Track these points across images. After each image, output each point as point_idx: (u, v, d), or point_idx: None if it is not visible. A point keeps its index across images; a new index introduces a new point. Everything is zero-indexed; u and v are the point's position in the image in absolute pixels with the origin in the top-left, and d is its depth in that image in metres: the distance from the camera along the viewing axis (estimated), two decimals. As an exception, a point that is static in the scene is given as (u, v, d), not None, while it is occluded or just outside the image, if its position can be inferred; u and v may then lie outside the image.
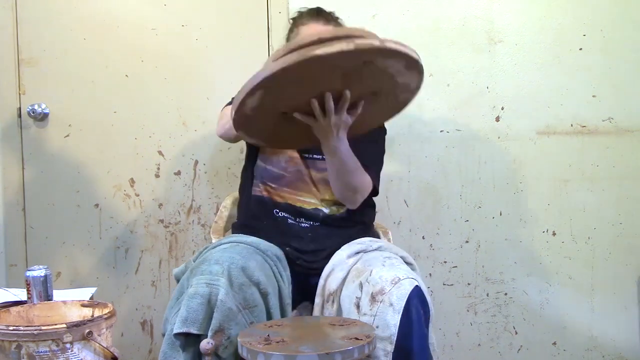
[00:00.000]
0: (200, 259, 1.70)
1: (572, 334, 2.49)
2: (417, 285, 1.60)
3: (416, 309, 1.58)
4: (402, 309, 1.56)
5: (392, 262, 1.70)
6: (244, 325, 1.57)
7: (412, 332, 1.56)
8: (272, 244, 1.80)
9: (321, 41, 1.44)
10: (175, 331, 1.55)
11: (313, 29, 1.90)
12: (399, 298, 1.57)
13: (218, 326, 1.53)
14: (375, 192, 1.92)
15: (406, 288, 1.58)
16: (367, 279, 1.66)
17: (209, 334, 1.53)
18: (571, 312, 2.49)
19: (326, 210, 1.89)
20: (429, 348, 1.62)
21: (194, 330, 1.54)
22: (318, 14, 1.99)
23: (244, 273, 1.61)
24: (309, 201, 1.89)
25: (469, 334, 2.51)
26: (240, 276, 1.60)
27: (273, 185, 1.91)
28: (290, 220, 1.88)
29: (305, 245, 1.85)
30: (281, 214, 1.89)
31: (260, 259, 1.71)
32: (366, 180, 1.85)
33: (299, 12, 2.03)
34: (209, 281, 1.58)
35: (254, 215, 1.92)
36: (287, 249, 1.83)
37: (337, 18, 2.01)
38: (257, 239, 1.79)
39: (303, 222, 1.88)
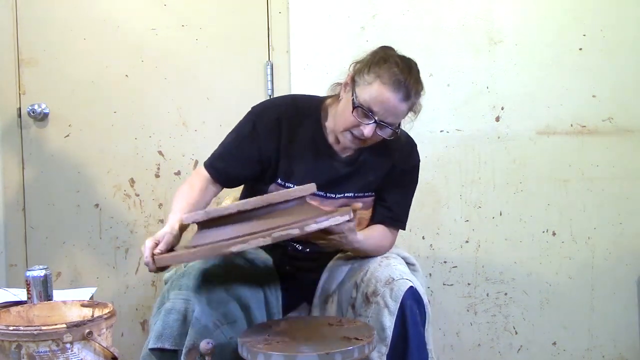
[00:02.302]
0: (181, 271, 1.68)
1: (572, 334, 2.49)
2: (411, 286, 1.59)
3: (411, 310, 1.56)
4: (396, 310, 1.55)
5: (389, 261, 1.69)
6: (223, 341, 1.54)
7: (408, 333, 1.55)
8: (261, 251, 1.78)
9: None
10: (150, 346, 1.56)
11: (386, 99, 1.57)
12: (393, 299, 1.56)
13: (192, 343, 1.51)
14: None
15: (400, 289, 1.57)
16: (362, 278, 1.65)
17: (183, 351, 1.52)
18: (571, 312, 2.49)
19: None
20: (426, 348, 1.61)
21: (168, 346, 1.54)
22: (405, 87, 1.57)
23: (224, 287, 1.58)
24: None
25: (469, 334, 2.51)
26: (218, 291, 1.57)
27: None
28: (291, 247, 1.79)
29: (307, 265, 1.80)
30: (285, 243, 1.78)
31: (246, 269, 1.68)
32: (392, 240, 1.80)
33: (387, 55, 1.62)
34: (186, 297, 1.57)
35: None
36: (287, 267, 1.79)
37: (420, 87, 1.63)
38: None
39: (311, 251, 1.79)
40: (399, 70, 1.57)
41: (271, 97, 2.46)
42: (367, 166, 1.74)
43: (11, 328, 1.47)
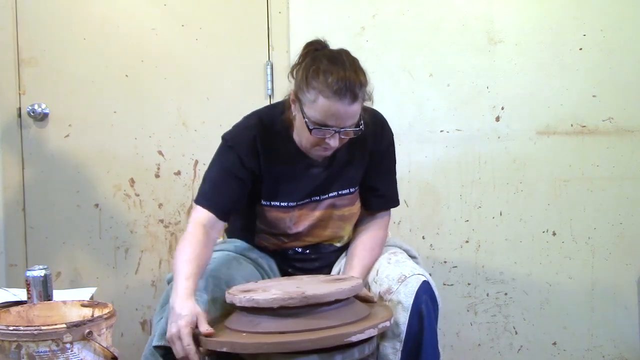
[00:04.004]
0: None
1: (572, 334, 2.49)
2: (424, 281, 1.60)
3: (426, 304, 1.58)
4: (410, 306, 1.56)
5: (398, 258, 1.71)
6: None
7: (424, 328, 1.57)
8: (263, 253, 1.78)
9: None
10: (154, 344, 1.54)
11: (335, 111, 1.53)
12: (407, 295, 1.57)
13: None
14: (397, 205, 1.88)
15: (413, 285, 1.58)
16: (374, 278, 1.67)
17: None
18: (571, 312, 2.49)
19: (338, 245, 1.82)
20: (438, 344, 1.63)
21: None
22: (349, 90, 1.52)
23: (228, 287, 1.57)
24: (324, 235, 1.79)
25: (469, 334, 2.51)
26: (222, 291, 1.56)
27: (285, 240, 1.77)
28: (292, 251, 1.80)
29: (308, 265, 1.80)
30: (284, 249, 1.80)
31: (250, 269, 1.69)
32: (387, 224, 1.82)
33: (317, 63, 1.55)
34: None
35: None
36: (289, 270, 1.79)
37: (363, 76, 1.57)
38: (249, 246, 1.78)
39: (310, 252, 1.80)
40: (335, 78, 1.51)
41: (271, 97, 2.46)
42: (346, 163, 1.74)
43: (11, 328, 1.47)
